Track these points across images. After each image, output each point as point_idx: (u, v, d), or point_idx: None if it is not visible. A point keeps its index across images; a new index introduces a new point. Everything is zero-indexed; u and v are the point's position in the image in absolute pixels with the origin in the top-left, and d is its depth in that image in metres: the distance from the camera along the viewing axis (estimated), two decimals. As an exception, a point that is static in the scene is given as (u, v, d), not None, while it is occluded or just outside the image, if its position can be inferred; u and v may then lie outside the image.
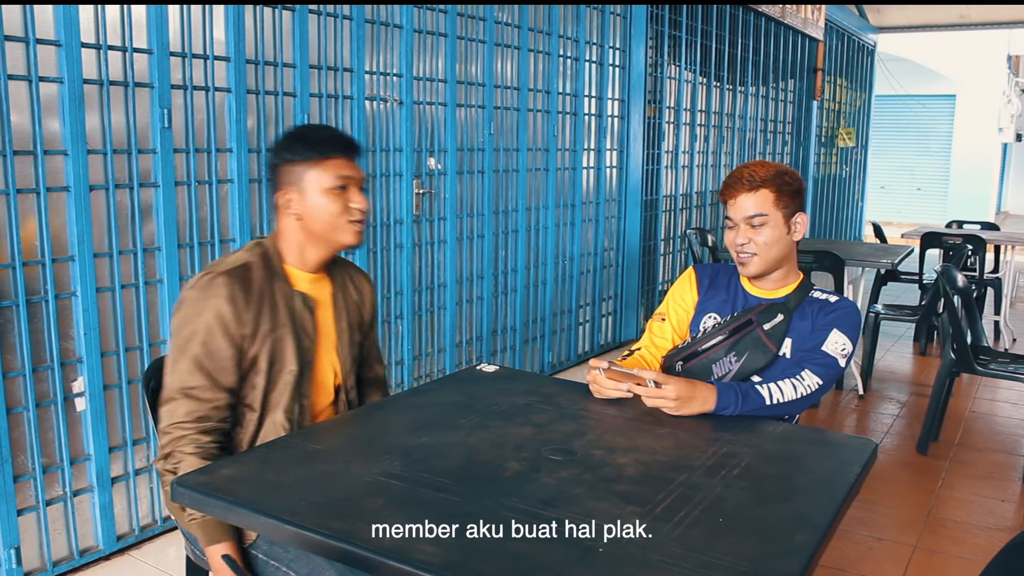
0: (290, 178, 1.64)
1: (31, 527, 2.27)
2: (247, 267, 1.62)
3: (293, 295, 1.67)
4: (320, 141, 1.64)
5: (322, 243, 1.67)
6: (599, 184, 4.63)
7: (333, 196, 1.64)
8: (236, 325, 1.56)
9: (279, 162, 1.64)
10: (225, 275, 1.58)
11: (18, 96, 2.13)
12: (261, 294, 1.61)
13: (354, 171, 1.67)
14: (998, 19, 8.82)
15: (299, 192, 1.63)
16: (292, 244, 1.68)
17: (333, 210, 1.64)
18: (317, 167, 1.62)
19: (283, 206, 1.65)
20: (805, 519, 1.23)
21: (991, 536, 2.85)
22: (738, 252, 1.91)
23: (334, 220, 1.64)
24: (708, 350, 1.92)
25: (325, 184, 1.63)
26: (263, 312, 1.61)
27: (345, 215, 1.65)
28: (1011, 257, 5.96)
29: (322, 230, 1.65)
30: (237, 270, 1.60)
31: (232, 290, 1.56)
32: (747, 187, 1.86)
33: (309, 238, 1.67)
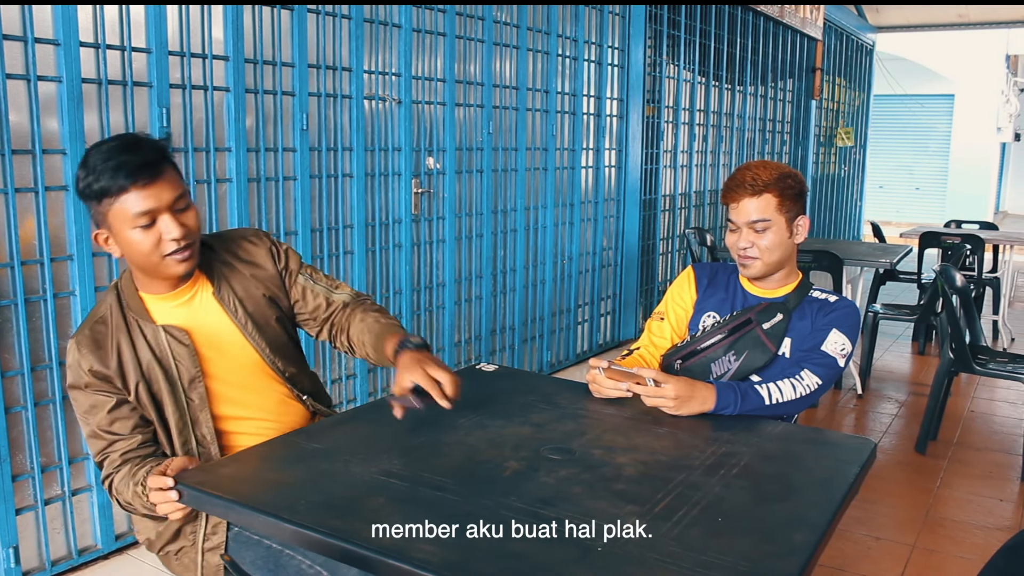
0: (97, 218, 1.50)
1: (30, 526, 2.27)
2: (101, 321, 1.56)
3: (157, 331, 1.57)
4: (107, 173, 1.43)
5: (155, 276, 1.55)
6: (598, 183, 4.63)
7: (142, 233, 1.47)
8: (108, 387, 1.54)
9: (82, 199, 1.49)
10: (76, 344, 1.54)
11: (17, 95, 2.13)
12: (118, 348, 1.55)
13: (155, 200, 1.46)
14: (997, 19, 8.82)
15: (109, 231, 1.49)
16: (140, 276, 1.58)
17: (145, 248, 1.48)
18: (115, 204, 1.45)
19: (103, 246, 1.52)
20: (804, 519, 1.23)
21: (989, 535, 2.85)
22: (740, 255, 1.91)
23: (150, 258, 1.50)
24: (707, 349, 1.92)
25: (128, 221, 1.46)
26: (124, 367, 1.55)
27: (159, 250, 1.49)
28: (1009, 257, 5.96)
29: (146, 267, 1.53)
30: (89, 329, 1.55)
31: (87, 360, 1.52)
32: (750, 191, 1.86)
33: (143, 273, 1.56)
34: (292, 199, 2.88)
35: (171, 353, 1.58)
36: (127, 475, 1.52)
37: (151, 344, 1.57)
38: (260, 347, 1.67)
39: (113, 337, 1.55)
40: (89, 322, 1.57)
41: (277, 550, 1.52)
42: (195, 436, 1.61)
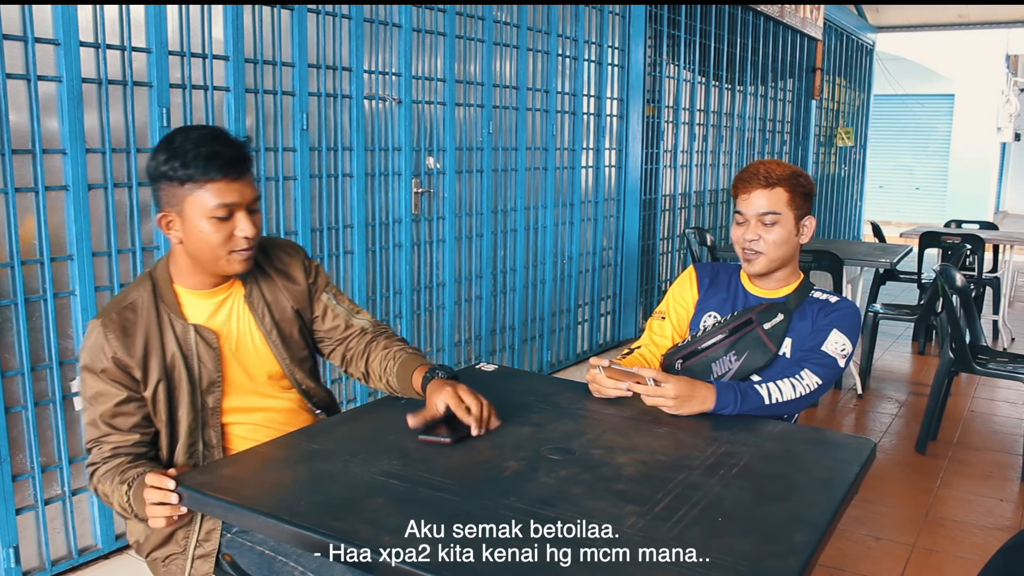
0: (169, 199, 1.48)
1: (30, 526, 2.27)
2: (131, 307, 1.52)
3: (188, 329, 1.55)
4: (200, 159, 1.44)
5: (207, 271, 1.55)
6: (598, 183, 4.63)
7: (216, 224, 1.47)
8: (123, 376, 1.50)
9: (157, 177, 1.48)
10: (102, 325, 1.49)
11: (17, 95, 2.13)
12: (146, 337, 1.52)
13: (239, 195, 1.48)
14: (997, 19, 8.82)
15: (179, 215, 1.48)
16: (182, 268, 1.56)
17: (214, 240, 1.48)
18: (198, 190, 1.45)
19: (164, 228, 1.51)
20: (804, 518, 1.23)
21: (989, 535, 2.85)
22: (745, 248, 1.91)
23: (215, 251, 1.50)
24: (708, 349, 1.92)
25: (207, 210, 1.46)
26: (149, 358, 1.52)
27: (228, 245, 1.50)
28: (1009, 256, 5.96)
29: (204, 259, 1.52)
30: (118, 315, 1.51)
31: (110, 345, 1.48)
32: (763, 183, 1.87)
33: (195, 264, 1.54)
34: (292, 199, 2.88)
35: (196, 354, 1.56)
36: (114, 469, 1.49)
37: (179, 341, 1.54)
38: (281, 357, 1.66)
39: (142, 327, 1.52)
40: (117, 306, 1.53)
41: (270, 556, 1.51)
42: (203, 439, 1.60)
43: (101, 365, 1.49)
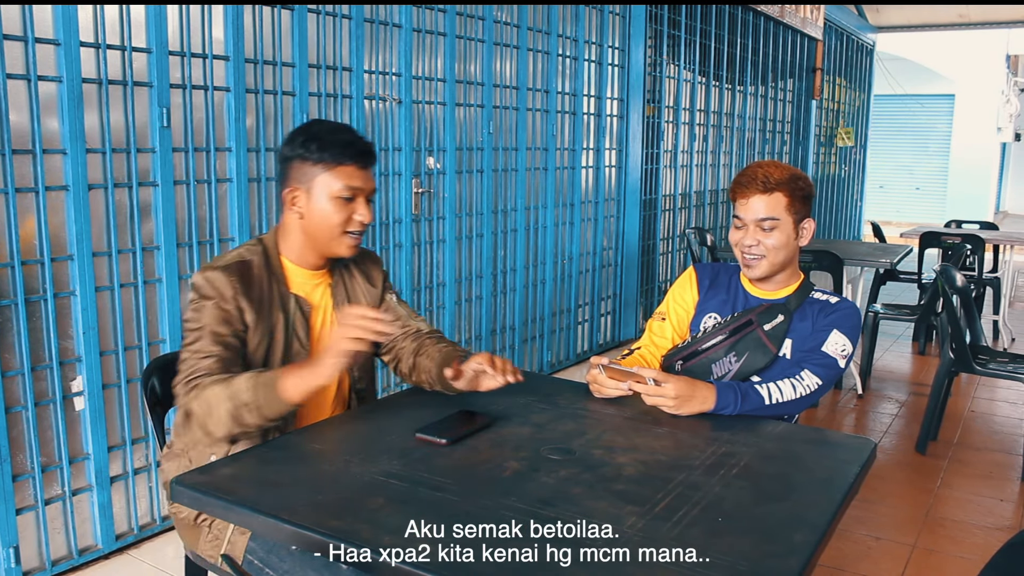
0: (300, 176, 1.61)
1: (30, 526, 2.27)
2: (247, 264, 1.61)
3: (289, 297, 1.65)
4: (336, 144, 1.60)
5: (317, 248, 1.66)
6: (598, 183, 4.63)
7: (339, 205, 1.61)
8: (238, 316, 1.57)
9: (292, 156, 1.61)
10: (222, 270, 1.57)
11: (17, 95, 2.13)
12: (260, 292, 1.61)
13: (365, 182, 1.63)
14: (997, 19, 8.82)
15: (306, 192, 1.61)
16: (292, 242, 1.67)
17: (335, 220, 1.62)
18: (329, 171, 1.59)
19: (288, 202, 1.63)
20: (804, 518, 1.23)
21: (989, 535, 2.85)
22: (744, 253, 1.91)
23: (333, 230, 1.62)
24: (708, 350, 1.92)
25: (333, 191, 1.60)
26: (261, 311, 1.60)
27: (345, 226, 1.63)
28: (1010, 257, 5.96)
29: (320, 236, 1.64)
30: (237, 265, 1.59)
31: (233, 285, 1.57)
32: (761, 188, 1.85)
33: (307, 240, 1.65)
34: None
35: (293, 323, 1.65)
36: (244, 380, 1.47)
37: (283, 307, 1.64)
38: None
39: (257, 285, 1.61)
40: (229, 260, 1.60)
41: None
42: None
43: (226, 295, 1.56)
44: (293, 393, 1.47)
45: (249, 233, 2.70)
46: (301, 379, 1.47)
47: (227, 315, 1.56)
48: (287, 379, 1.47)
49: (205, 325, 1.55)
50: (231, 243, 2.67)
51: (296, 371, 1.49)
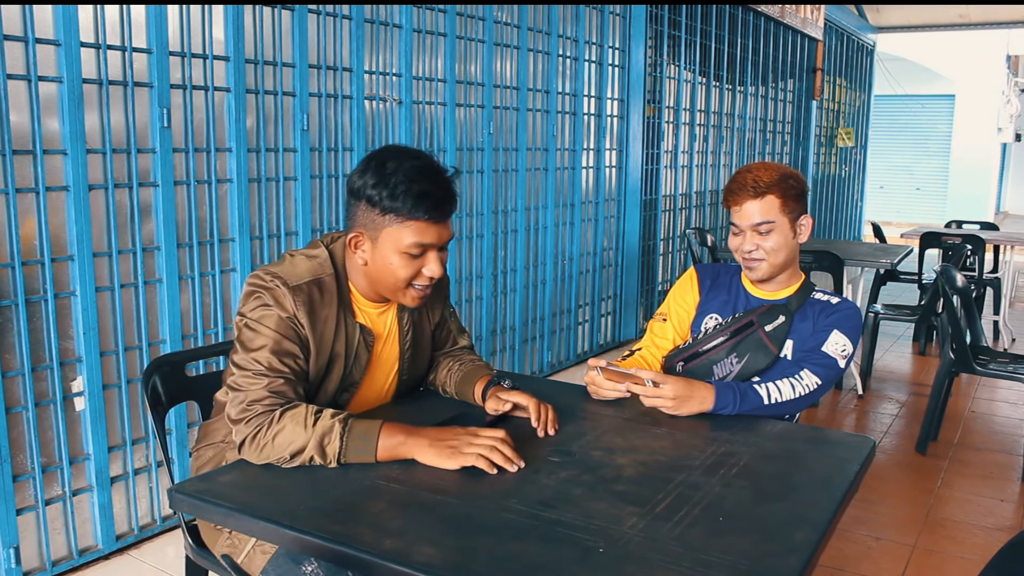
0: (365, 221, 1.48)
1: (30, 526, 2.27)
2: (320, 285, 1.51)
3: (355, 328, 1.56)
4: (409, 196, 1.43)
5: (381, 290, 1.57)
6: (598, 184, 4.63)
7: (406, 260, 1.48)
8: (299, 336, 1.49)
9: (359, 196, 1.47)
10: (293, 292, 1.47)
11: (17, 95, 2.13)
12: (326, 319, 1.52)
13: (437, 237, 1.48)
14: (997, 19, 8.82)
15: (372, 240, 1.49)
16: (359, 276, 1.57)
17: (401, 275, 1.49)
18: (399, 223, 1.45)
19: (352, 246, 1.51)
20: (804, 518, 1.23)
21: (990, 536, 2.85)
22: (745, 258, 1.91)
23: (398, 283, 1.51)
24: (709, 351, 1.92)
25: (402, 246, 1.46)
26: (323, 340, 1.52)
27: (412, 279, 1.51)
28: (1010, 257, 5.96)
29: (384, 285, 1.53)
30: (308, 288, 1.49)
31: (300, 308, 1.47)
32: (752, 194, 1.85)
33: (371, 284, 1.56)
34: (293, 199, 2.88)
35: (356, 353, 1.56)
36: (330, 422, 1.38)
37: (347, 337, 1.54)
38: (403, 374, 1.71)
39: (325, 312, 1.50)
40: (301, 278, 1.49)
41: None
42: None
43: (292, 313, 1.45)
44: (383, 454, 1.38)
45: (249, 233, 2.70)
46: (396, 447, 1.38)
47: (293, 331, 1.47)
48: (385, 440, 1.38)
49: (272, 336, 1.44)
50: (232, 243, 2.67)
51: (395, 435, 1.38)
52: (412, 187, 1.43)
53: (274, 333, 1.46)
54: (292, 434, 1.37)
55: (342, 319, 1.54)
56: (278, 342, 1.45)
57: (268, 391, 1.42)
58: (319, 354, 1.52)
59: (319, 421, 1.38)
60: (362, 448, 1.37)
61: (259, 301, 1.47)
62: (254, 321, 1.47)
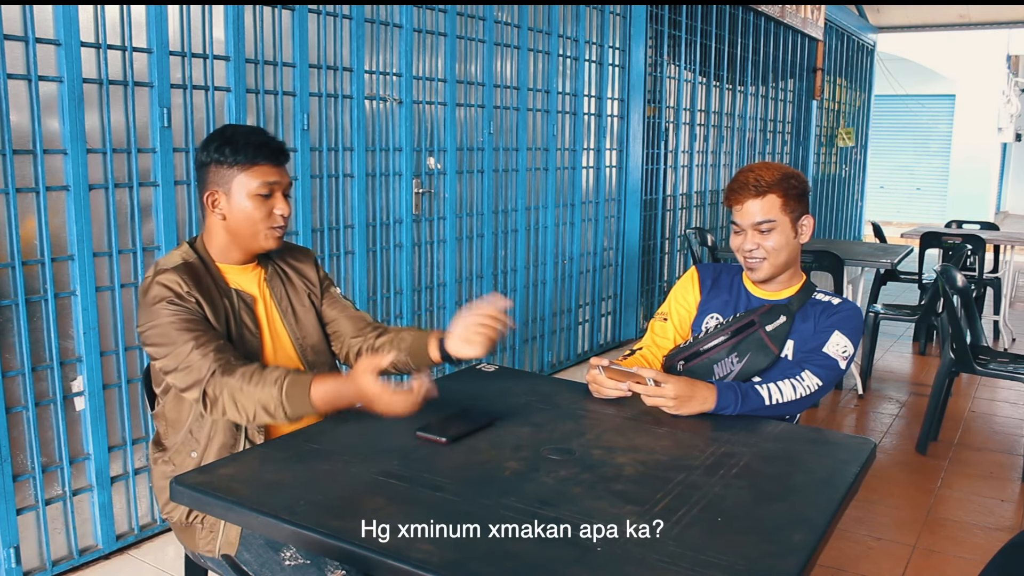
0: (217, 179, 1.66)
1: (30, 526, 2.27)
2: (191, 264, 1.65)
3: (230, 291, 1.69)
4: (250, 146, 1.65)
5: (243, 245, 1.70)
6: (599, 184, 4.63)
7: (258, 202, 1.66)
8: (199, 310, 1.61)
9: (208, 162, 1.66)
10: (172, 271, 1.61)
11: (17, 95, 2.13)
12: (207, 287, 1.64)
13: (281, 176, 1.69)
14: (998, 19, 8.82)
15: (226, 194, 1.67)
16: (218, 243, 1.71)
17: (256, 216, 1.67)
18: (245, 171, 1.65)
19: (209, 205, 1.68)
20: (803, 518, 1.23)
21: (990, 536, 2.85)
22: (746, 258, 1.91)
23: (256, 225, 1.67)
24: (710, 350, 1.92)
25: (251, 189, 1.65)
26: (212, 304, 1.64)
27: (267, 221, 1.68)
28: (1010, 257, 5.96)
29: (244, 234, 1.68)
30: (183, 266, 1.63)
31: (186, 282, 1.60)
32: (754, 193, 1.85)
33: (232, 240, 1.70)
34: (293, 199, 2.87)
35: (241, 318, 1.69)
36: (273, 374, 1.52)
37: (229, 303, 1.68)
38: (296, 337, 1.77)
39: (204, 284, 1.64)
40: (173, 262, 1.63)
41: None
42: None
43: (183, 292, 1.59)
44: (319, 403, 1.51)
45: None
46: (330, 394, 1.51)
47: (193, 310, 1.60)
48: (317, 387, 1.50)
49: (185, 323, 1.57)
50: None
51: (327, 383, 1.51)
52: (251, 139, 1.66)
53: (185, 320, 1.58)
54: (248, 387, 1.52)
55: (217, 290, 1.67)
56: (193, 325, 1.57)
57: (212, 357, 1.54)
58: (214, 315, 1.63)
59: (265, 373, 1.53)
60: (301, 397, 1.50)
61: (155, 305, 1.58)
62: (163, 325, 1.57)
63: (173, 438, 1.68)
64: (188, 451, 1.65)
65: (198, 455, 1.64)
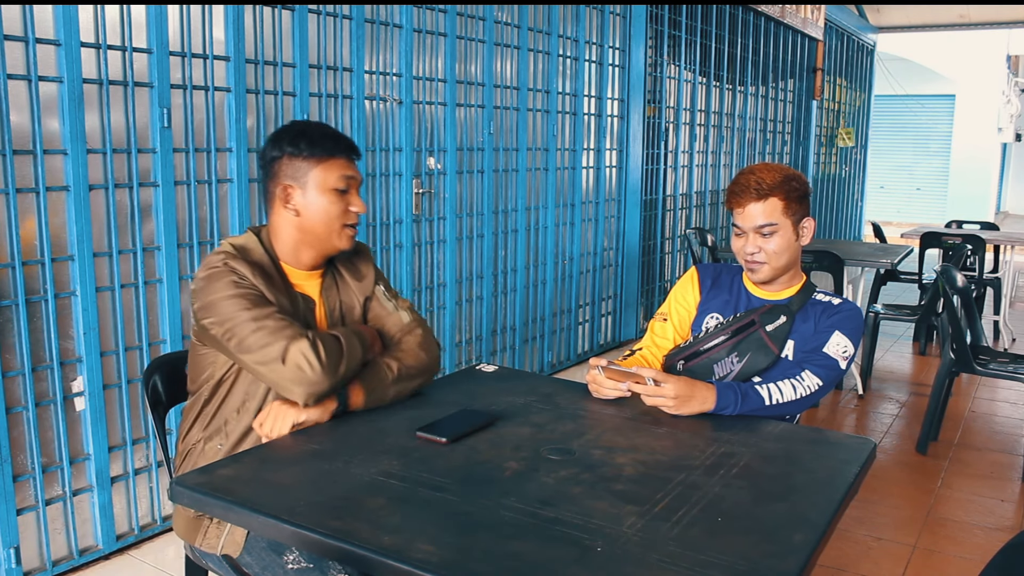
0: (292, 172, 1.61)
1: (30, 526, 2.27)
2: (259, 264, 1.60)
3: (296, 295, 1.65)
4: (325, 138, 1.62)
5: (315, 245, 1.65)
6: (599, 184, 4.63)
7: (335, 197, 1.62)
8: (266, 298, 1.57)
9: (280, 155, 1.61)
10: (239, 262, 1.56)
11: (18, 95, 2.13)
12: (272, 281, 1.60)
13: (356, 173, 1.66)
14: (998, 19, 8.82)
15: (301, 188, 1.61)
16: (286, 242, 1.65)
17: (333, 212, 1.62)
18: (321, 165, 1.61)
19: (282, 199, 1.62)
20: (804, 518, 1.23)
21: (990, 536, 2.85)
22: (747, 260, 1.91)
23: (332, 222, 1.63)
24: (710, 350, 1.92)
25: (329, 183, 1.61)
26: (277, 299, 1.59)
27: (342, 218, 1.64)
28: (1010, 257, 5.96)
29: (319, 231, 1.63)
30: (251, 264, 1.58)
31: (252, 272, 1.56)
32: (756, 196, 1.85)
33: (304, 238, 1.64)
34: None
35: (303, 320, 1.63)
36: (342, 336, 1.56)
37: (292, 301, 1.63)
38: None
39: (266, 276, 1.59)
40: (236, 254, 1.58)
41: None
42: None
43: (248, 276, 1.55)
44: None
45: (249, 233, 2.70)
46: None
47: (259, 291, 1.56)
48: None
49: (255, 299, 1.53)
50: (231, 243, 2.67)
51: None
52: (326, 132, 1.64)
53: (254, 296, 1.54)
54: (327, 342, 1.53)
55: (280, 287, 1.62)
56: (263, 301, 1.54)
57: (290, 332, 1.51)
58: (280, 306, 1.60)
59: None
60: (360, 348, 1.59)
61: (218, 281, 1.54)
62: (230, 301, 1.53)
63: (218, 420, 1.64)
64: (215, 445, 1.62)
65: (226, 448, 1.61)
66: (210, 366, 1.62)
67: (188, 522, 1.64)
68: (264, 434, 1.54)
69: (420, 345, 1.74)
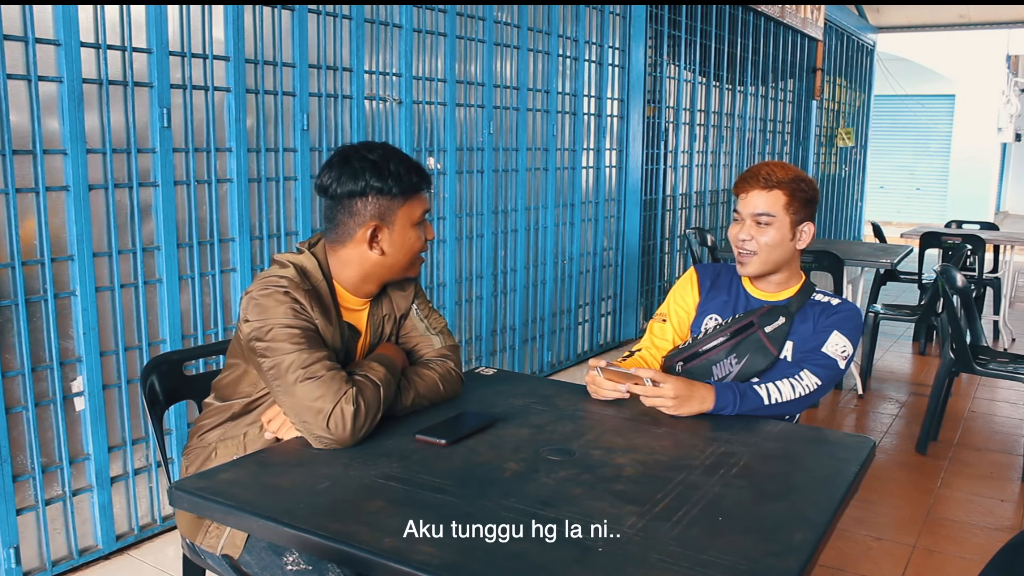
0: (379, 211, 1.56)
1: (30, 526, 2.27)
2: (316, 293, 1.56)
3: (344, 325, 1.61)
4: (411, 172, 1.57)
5: (387, 276, 1.63)
6: (598, 184, 4.63)
7: (418, 232, 1.61)
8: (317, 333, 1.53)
9: (364, 193, 1.54)
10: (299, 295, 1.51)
11: (17, 95, 2.13)
12: (325, 316, 1.56)
13: (430, 203, 1.66)
14: (998, 19, 8.82)
15: (388, 227, 1.58)
16: (353, 272, 1.61)
17: (418, 247, 1.62)
18: (409, 202, 1.58)
19: (368, 239, 1.57)
20: (804, 518, 1.23)
21: (990, 536, 2.85)
22: (739, 248, 1.91)
23: (414, 256, 1.62)
24: (709, 351, 1.92)
25: (414, 219, 1.59)
26: (325, 333, 1.56)
27: (418, 248, 1.63)
28: (1010, 257, 5.96)
29: (400, 266, 1.62)
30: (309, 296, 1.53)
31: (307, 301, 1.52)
32: (762, 184, 1.87)
33: (378, 272, 1.61)
34: (293, 199, 2.88)
35: (344, 351, 1.61)
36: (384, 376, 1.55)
37: (339, 335, 1.60)
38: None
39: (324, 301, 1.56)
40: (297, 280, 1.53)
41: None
42: None
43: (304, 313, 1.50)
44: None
45: (249, 233, 2.70)
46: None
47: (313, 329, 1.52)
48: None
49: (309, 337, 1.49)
50: (232, 243, 2.67)
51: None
52: (407, 165, 1.58)
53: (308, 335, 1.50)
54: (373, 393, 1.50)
55: (333, 318, 1.59)
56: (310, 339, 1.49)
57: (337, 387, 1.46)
58: (328, 337, 1.57)
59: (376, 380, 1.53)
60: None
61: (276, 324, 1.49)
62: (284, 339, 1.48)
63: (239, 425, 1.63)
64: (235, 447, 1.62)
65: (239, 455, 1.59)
66: (251, 387, 1.62)
67: (191, 519, 1.64)
68: (272, 430, 1.55)
69: (442, 378, 1.71)
